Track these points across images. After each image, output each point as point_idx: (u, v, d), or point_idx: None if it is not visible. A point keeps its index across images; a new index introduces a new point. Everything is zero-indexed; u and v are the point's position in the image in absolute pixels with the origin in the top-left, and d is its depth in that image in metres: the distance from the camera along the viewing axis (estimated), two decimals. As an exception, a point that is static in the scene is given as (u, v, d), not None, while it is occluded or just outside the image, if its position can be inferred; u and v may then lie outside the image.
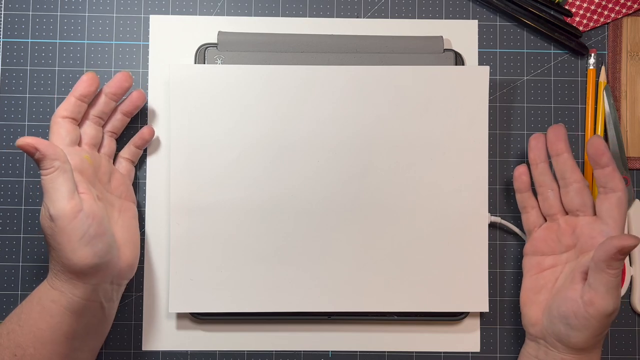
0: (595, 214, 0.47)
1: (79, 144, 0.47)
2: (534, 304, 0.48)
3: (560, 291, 0.46)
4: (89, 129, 0.48)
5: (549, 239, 0.49)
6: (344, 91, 0.50)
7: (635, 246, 0.41)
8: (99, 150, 0.49)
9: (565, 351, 0.46)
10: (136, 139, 0.51)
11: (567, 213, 0.49)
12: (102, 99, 0.49)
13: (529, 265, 0.50)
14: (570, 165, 0.48)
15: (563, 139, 0.48)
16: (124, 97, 0.50)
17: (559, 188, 0.49)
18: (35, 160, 0.42)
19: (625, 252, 0.41)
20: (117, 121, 0.50)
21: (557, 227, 0.49)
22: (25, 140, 0.41)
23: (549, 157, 0.49)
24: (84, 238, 0.42)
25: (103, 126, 0.50)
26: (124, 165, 0.51)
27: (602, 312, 0.43)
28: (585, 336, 0.44)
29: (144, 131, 0.51)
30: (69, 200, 0.42)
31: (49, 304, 0.44)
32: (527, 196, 0.50)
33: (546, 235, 0.49)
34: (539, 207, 0.50)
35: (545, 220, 0.50)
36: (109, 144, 0.50)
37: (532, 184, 0.50)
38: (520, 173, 0.50)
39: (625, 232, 0.51)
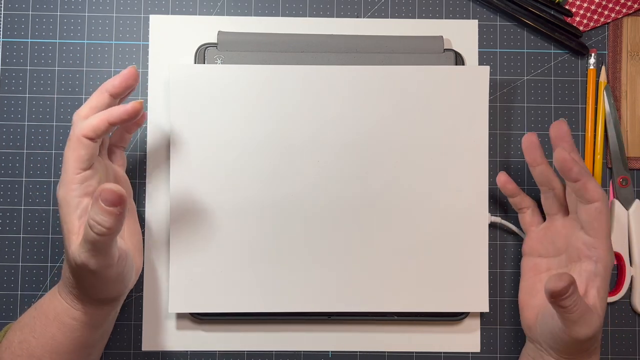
0: None
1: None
2: (530, 308, 0.48)
3: (549, 305, 0.45)
4: None
5: (544, 239, 0.48)
6: (344, 91, 0.50)
7: (565, 288, 0.38)
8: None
9: (560, 359, 0.45)
10: (130, 124, 0.47)
11: (568, 213, 0.47)
12: (107, 100, 0.43)
13: (526, 266, 0.49)
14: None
15: (567, 137, 0.45)
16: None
17: (562, 186, 0.47)
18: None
19: (558, 296, 0.39)
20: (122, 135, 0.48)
21: (554, 228, 0.48)
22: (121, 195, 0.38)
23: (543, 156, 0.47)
24: (118, 277, 0.43)
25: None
26: (119, 156, 0.48)
27: (579, 338, 0.42)
28: (574, 350, 0.44)
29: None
30: (116, 256, 0.41)
31: (69, 320, 0.43)
32: (519, 199, 0.50)
33: (542, 235, 0.49)
34: (536, 205, 0.50)
35: (545, 219, 0.49)
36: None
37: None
38: (503, 182, 0.49)
39: (625, 233, 0.51)
